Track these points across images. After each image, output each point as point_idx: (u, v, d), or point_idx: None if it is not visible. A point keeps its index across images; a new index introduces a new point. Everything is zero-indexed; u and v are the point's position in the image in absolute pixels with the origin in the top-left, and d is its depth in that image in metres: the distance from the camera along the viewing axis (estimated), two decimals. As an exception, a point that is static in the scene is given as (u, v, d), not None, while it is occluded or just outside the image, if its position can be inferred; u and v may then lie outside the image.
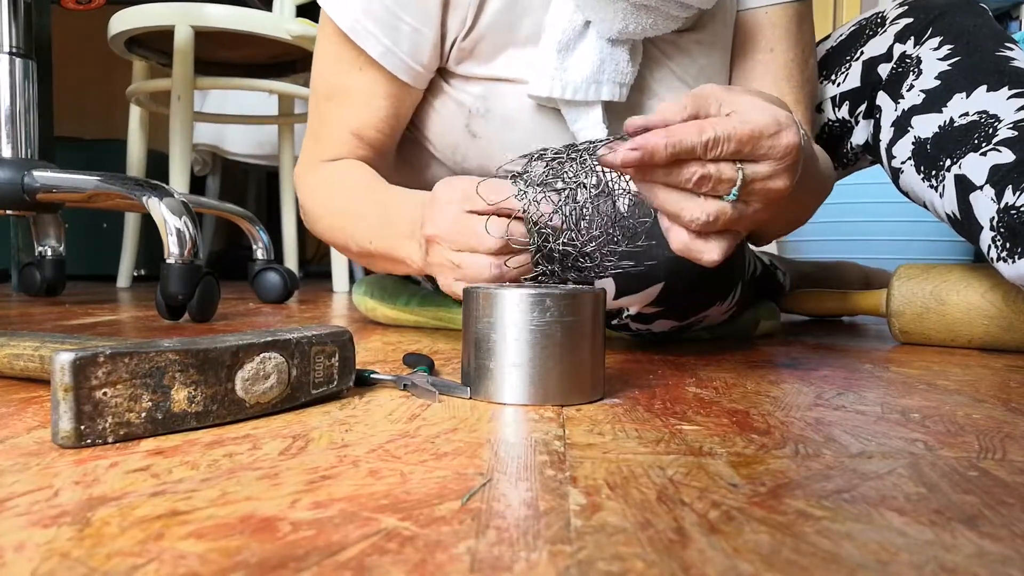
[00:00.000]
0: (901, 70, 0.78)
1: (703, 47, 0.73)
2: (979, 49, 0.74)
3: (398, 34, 0.68)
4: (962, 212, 0.71)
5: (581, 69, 0.67)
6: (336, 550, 0.23)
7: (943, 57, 0.75)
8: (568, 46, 0.66)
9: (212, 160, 2.51)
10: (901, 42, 0.79)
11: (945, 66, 0.75)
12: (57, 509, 0.26)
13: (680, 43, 0.72)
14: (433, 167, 0.81)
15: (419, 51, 0.69)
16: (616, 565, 0.22)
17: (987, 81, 0.72)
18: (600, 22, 0.65)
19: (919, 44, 0.78)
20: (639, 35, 0.66)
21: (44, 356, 0.46)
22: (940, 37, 0.77)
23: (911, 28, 0.79)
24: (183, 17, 1.52)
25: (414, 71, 0.70)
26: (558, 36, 0.66)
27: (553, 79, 0.67)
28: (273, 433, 0.37)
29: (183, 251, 0.93)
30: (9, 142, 1.10)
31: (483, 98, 0.72)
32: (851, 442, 0.37)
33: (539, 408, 0.44)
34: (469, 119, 0.73)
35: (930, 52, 0.77)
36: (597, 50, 0.66)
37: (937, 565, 0.22)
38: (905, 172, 0.77)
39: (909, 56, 0.78)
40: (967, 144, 0.70)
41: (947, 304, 0.78)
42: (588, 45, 0.66)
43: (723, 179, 0.45)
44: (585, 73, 0.67)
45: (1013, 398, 0.50)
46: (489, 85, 0.71)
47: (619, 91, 0.68)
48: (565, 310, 0.43)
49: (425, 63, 0.70)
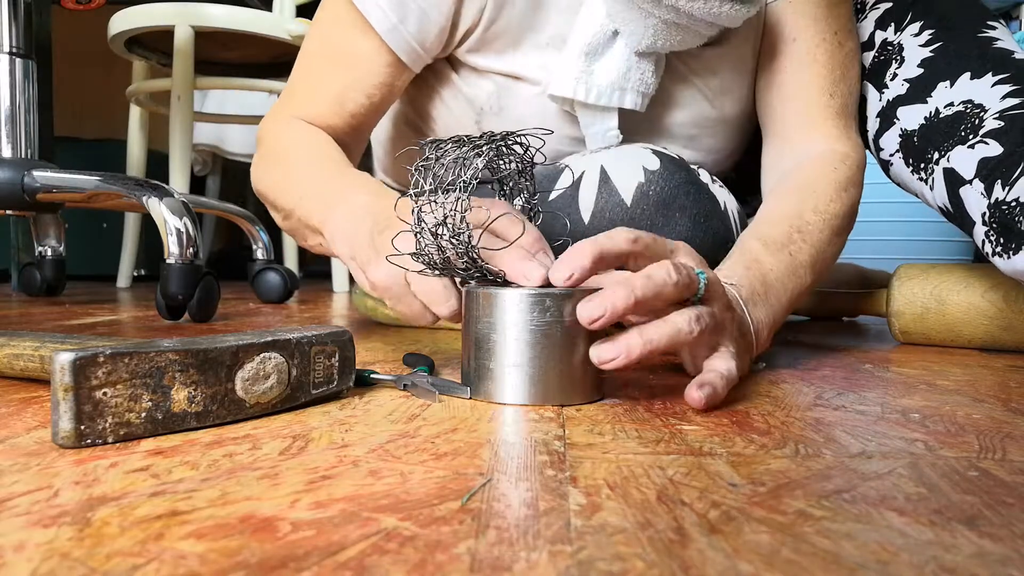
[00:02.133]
0: (884, 58, 0.78)
1: (725, 61, 0.73)
2: (961, 32, 0.74)
3: (405, 11, 0.66)
4: (954, 206, 0.71)
5: (607, 74, 0.67)
6: (336, 550, 0.23)
7: (925, 43, 0.75)
8: (596, 51, 0.66)
9: (212, 160, 2.51)
10: (882, 29, 0.79)
11: (927, 52, 0.74)
12: (57, 509, 0.26)
13: (703, 57, 0.72)
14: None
15: (424, 33, 0.68)
16: (616, 565, 0.22)
17: (970, 67, 0.71)
18: (630, 35, 0.65)
19: (900, 30, 0.77)
20: (666, 50, 0.66)
21: (44, 356, 0.46)
22: (920, 22, 0.76)
23: (891, 13, 0.78)
24: (183, 17, 1.51)
25: (415, 52, 0.69)
26: (587, 40, 0.66)
27: (578, 80, 0.67)
28: (273, 433, 0.37)
29: (183, 251, 0.93)
30: (9, 142, 1.10)
31: (497, 95, 0.71)
32: (851, 442, 0.37)
33: (539, 408, 0.44)
34: (480, 115, 0.73)
35: (911, 39, 0.76)
36: (624, 58, 0.66)
37: (937, 565, 0.22)
38: (894, 164, 0.77)
39: (891, 43, 0.77)
40: (954, 136, 0.70)
41: (947, 304, 0.78)
42: (616, 53, 0.67)
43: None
44: (611, 79, 0.67)
45: (1013, 398, 0.50)
46: (504, 82, 0.71)
47: (641, 101, 0.69)
48: (565, 310, 0.43)
49: (427, 47, 0.69)
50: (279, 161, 0.70)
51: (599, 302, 0.41)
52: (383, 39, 0.67)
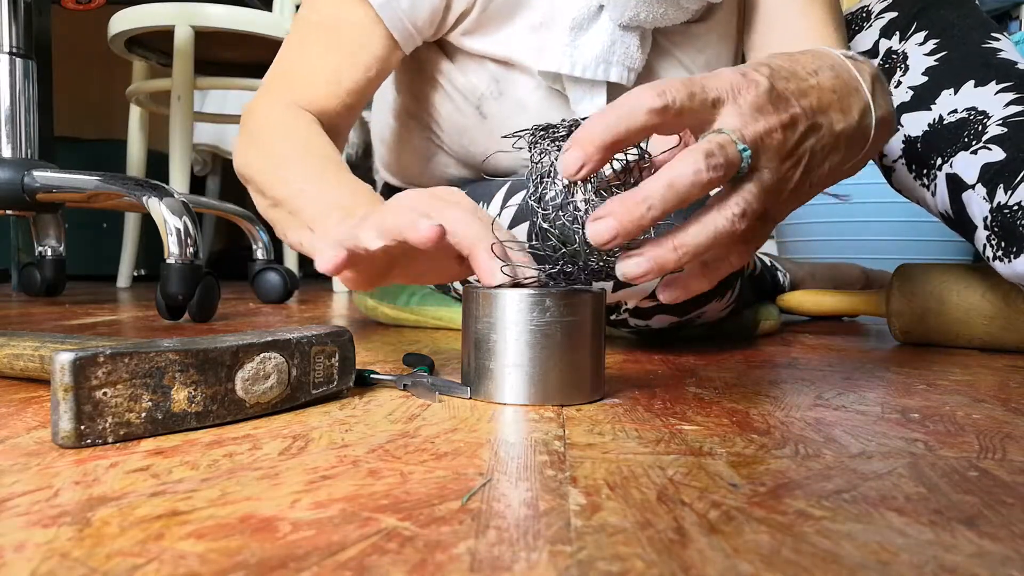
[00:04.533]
0: (888, 66, 0.78)
1: (710, 38, 0.74)
2: (965, 42, 0.74)
3: None
4: (955, 211, 0.71)
5: (592, 48, 0.68)
6: (336, 550, 0.23)
7: (929, 52, 0.75)
8: (581, 26, 0.68)
9: (212, 160, 2.51)
10: (887, 38, 0.79)
11: (931, 61, 0.74)
12: (57, 509, 0.26)
13: (688, 33, 0.73)
14: (439, 156, 0.81)
15: (416, 12, 0.68)
16: (616, 565, 0.22)
17: (974, 76, 0.71)
18: (613, 7, 0.66)
19: (904, 39, 0.77)
20: (650, 24, 0.67)
21: (44, 356, 0.46)
22: (925, 31, 0.76)
23: (896, 23, 0.79)
24: (183, 17, 1.52)
25: (407, 32, 0.69)
26: (572, 14, 0.67)
27: (563, 55, 0.68)
28: (273, 433, 0.37)
29: (183, 251, 0.93)
30: (9, 142, 1.10)
31: (496, 81, 0.73)
32: (851, 442, 0.37)
33: (539, 408, 0.44)
34: (481, 101, 0.74)
35: (916, 47, 0.76)
36: (608, 32, 0.67)
37: (937, 565, 0.22)
38: (897, 171, 0.77)
39: (895, 52, 0.78)
40: (957, 142, 0.70)
41: (947, 304, 0.78)
42: (600, 27, 0.68)
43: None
44: (595, 52, 0.68)
45: (1013, 398, 0.50)
46: (501, 70, 0.72)
47: (627, 75, 0.69)
48: (565, 310, 0.43)
49: (419, 26, 0.69)
50: (270, 148, 0.68)
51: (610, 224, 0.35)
52: (379, 15, 0.67)
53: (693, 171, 0.35)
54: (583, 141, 0.36)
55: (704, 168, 0.35)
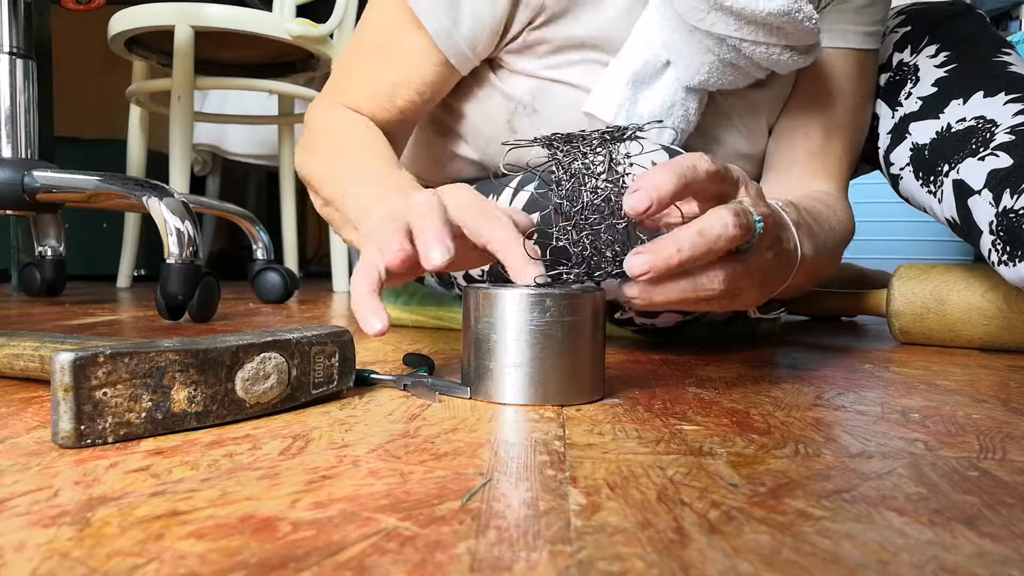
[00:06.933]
0: (899, 78, 0.79)
1: (765, 102, 0.73)
2: (976, 55, 0.74)
3: (458, 14, 0.65)
4: (961, 217, 0.71)
5: (650, 105, 0.65)
6: (336, 550, 0.23)
7: (940, 64, 0.76)
8: (644, 81, 0.65)
9: (212, 160, 2.51)
10: (899, 51, 0.80)
11: (942, 73, 0.75)
12: (57, 509, 0.26)
13: (747, 96, 0.72)
14: (457, 162, 0.80)
15: (477, 36, 0.67)
16: (616, 565, 0.22)
17: (984, 87, 0.72)
18: (683, 68, 0.64)
19: (916, 52, 0.78)
20: (716, 87, 0.65)
21: (44, 356, 0.46)
22: (937, 45, 0.77)
23: (909, 37, 0.79)
24: (183, 17, 1.51)
25: (465, 56, 0.68)
26: (636, 67, 0.64)
27: (620, 108, 0.65)
28: (273, 433, 0.37)
29: (183, 251, 0.93)
30: (9, 142, 1.10)
31: (532, 95, 0.70)
32: (851, 442, 0.37)
33: (539, 408, 0.44)
34: (513, 115, 0.72)
35: (927, 60, 0.77)
36: (671, 93, 0.65)
37: (937, 565, 0.22)
38: (904, 179, 0.77)
39: (907, 64, 0.78)
40: (965, 149, 0.70)
41: (947, 304, 0.78)
42: (664, 85, 0.65)
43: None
44: (653, 110, 0.65)
45: (1013, 398, 0.50)
46: (541, 83, 0.70)
47: (678, 137, 0.68)
48: (565, 310, 0.43)
49: (478, 51, 0.68)
50: (324, 148, 0.69)
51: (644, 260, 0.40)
52: (435, 42, 0.67)
53: (722, 224, 0.41)
54: (654, 188, 0.40)
55: (731, 224, 0.41)
